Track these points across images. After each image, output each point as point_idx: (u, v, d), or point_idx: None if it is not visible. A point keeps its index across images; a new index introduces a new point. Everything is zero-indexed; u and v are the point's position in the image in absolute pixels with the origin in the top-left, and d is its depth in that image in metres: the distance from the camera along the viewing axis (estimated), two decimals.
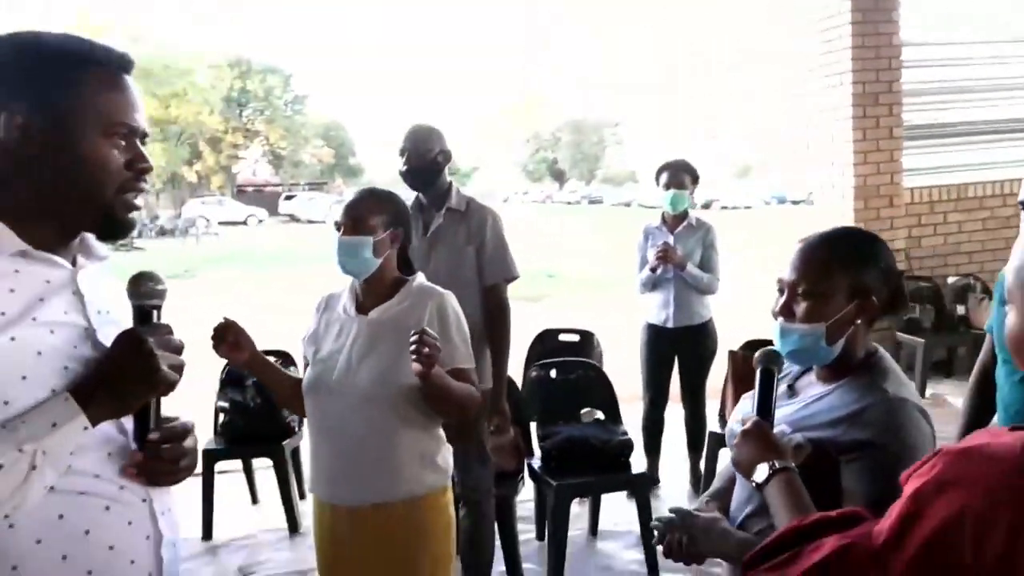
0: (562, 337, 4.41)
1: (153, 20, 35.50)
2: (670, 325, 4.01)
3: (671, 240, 4.00)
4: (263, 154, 46.45)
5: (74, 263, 1.18)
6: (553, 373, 3.65)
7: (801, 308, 1.39)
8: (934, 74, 6.17)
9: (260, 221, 34.20)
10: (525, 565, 3.35)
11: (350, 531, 1.99)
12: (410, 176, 2.95)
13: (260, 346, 2.08)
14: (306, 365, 2.11)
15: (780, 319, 1.42)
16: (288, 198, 38.17)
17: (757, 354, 1.41)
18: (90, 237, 1.21)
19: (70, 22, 29.43)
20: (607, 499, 3.74)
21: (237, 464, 4.19)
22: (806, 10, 6.26)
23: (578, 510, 3.87)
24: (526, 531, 3.66)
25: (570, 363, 3.73)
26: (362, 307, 2.06)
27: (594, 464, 3.23)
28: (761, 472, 1.27)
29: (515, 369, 3.64)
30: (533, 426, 3.58)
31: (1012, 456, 0.82)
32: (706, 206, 32.82)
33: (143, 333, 1.12)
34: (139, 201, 1.19)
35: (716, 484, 1.61)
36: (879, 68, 5.89)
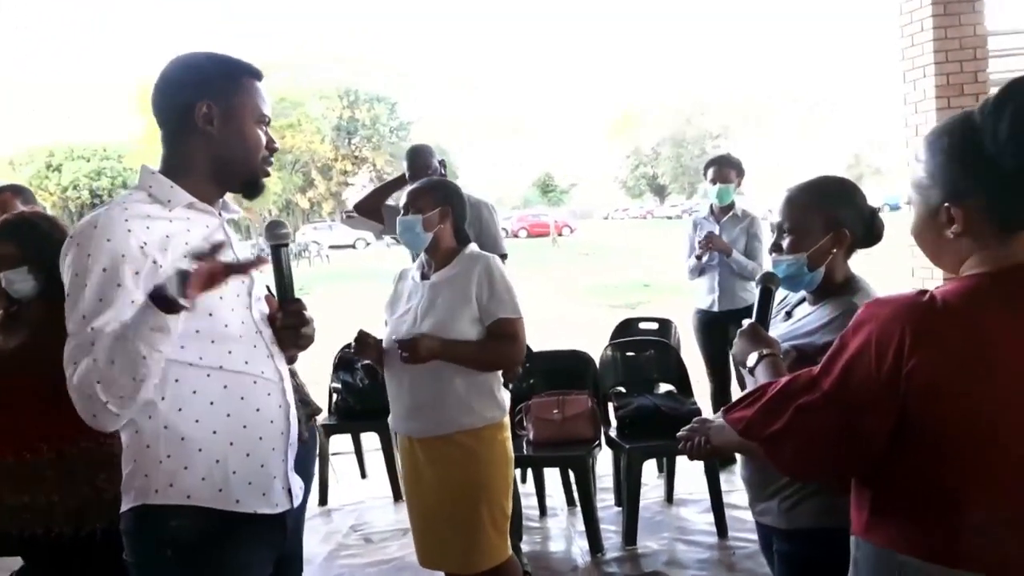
0: (642, 325, 4.69)
1: (269, 56, 37.69)
2: (716, 309, 4.29)
3: (717, 230, 4.30)
4: (370, 180, 48.40)
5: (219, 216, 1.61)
6: (629, 352, 3.95)
7: (786, 242, 1.71)
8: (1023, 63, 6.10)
9: (367, 244, 35.70)
10: (603, 527, 3.64)
11: (425, 459, 2.42)
12: None
13: None
14: (386, 325, 2.55)
15: (773, 254, 1.72)
16: None
17: (758, 275, 1.73)
18: (227, 198, 1.65)
19: None
20: (683, 470, 3.99)
21: (349, 446, 4.66)
22: (884, 4, 6.33)
23: (657, 481, 4.15)
24: (606, 499, 3.96)
25: (644, 342, 4.04)
26: (426, 275, 2.49)
27: (665, 431, 3.48)
28: (752, 359, 1.56)
29: (597, 352, 3.97)
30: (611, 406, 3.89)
31: (907, 300, 1.11)
32: None
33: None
34: (270, 171, 1.63)
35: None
36: (963, 59, 5.89)
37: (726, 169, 4.33)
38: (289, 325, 1.62)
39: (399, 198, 2.85)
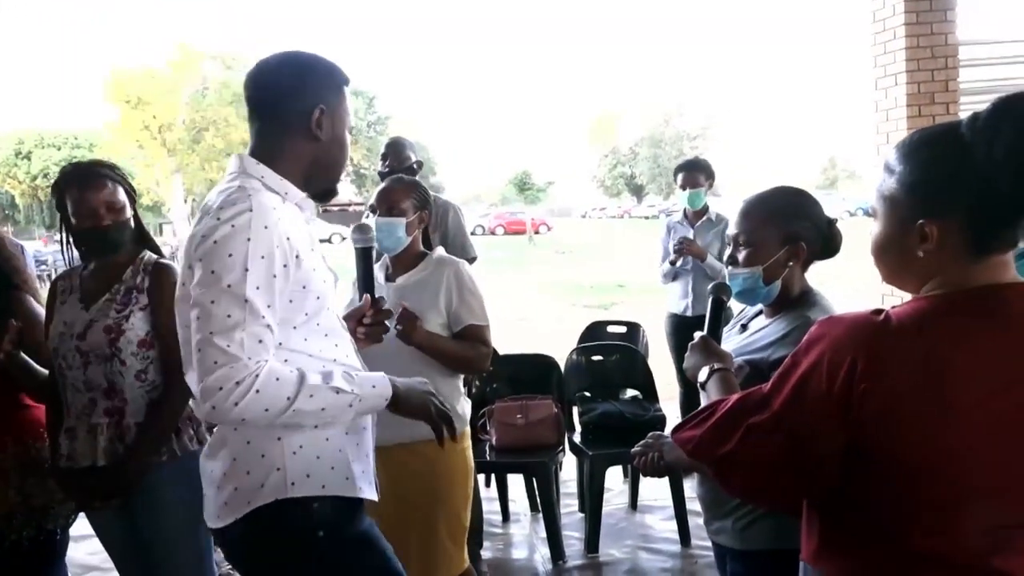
0: (610, 328, 4.65)
1: (243, 48, 37.16)
2: (689, 314, 4.23)
3: (691, 234, 4.26)
4: (347, 174, 48.04)
5: None
6: (595, 356, 3.91)
7: (742, 255, 1.67)
8: (993, 73, 6.15)
9: (343, 239, 35.52)
10: (567, 534, 3.60)
11: (381, 467, 2.31)
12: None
13: None
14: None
15: (728, 267, 1.68)
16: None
17: (710, 286, 1.70)
18: None
19: (172, 54, 31.38)
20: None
21: None
22: (858, 10, 6.35)
23: (622, 487, 4.12)
24: (571, 505, 3.93)
25: (610, 347, 3.99)
26: (391, 277, 2.44)
27: (629, 438, 3.43)
28: (703, 373, 1.52)
29: (564, 355, 3.93)
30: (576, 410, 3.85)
31: (860, 319, 1.07)
32: None
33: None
34: None
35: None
36: (935, 68, 5.93)
37: (695, 174, 4.31)
38: (379, 321, 1.85)
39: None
